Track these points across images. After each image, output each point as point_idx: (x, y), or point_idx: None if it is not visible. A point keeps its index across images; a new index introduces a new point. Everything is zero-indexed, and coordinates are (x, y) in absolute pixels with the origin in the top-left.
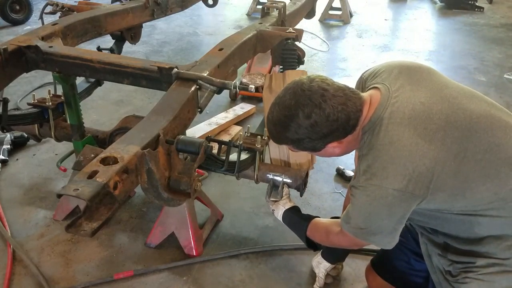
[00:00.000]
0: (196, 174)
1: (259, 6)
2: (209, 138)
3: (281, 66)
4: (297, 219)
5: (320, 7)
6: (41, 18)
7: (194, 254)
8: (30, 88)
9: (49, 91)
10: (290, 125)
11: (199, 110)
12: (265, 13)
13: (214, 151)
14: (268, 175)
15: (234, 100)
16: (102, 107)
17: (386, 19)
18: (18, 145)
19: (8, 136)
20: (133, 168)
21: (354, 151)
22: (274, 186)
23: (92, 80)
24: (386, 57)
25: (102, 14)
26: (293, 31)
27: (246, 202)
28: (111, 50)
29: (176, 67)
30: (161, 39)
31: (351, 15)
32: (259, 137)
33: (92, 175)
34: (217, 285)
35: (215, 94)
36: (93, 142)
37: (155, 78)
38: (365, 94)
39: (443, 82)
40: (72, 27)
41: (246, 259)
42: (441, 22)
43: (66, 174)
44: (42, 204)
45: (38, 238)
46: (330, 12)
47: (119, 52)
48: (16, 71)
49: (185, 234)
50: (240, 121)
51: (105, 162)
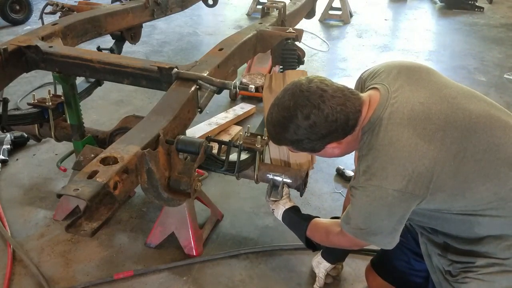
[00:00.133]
0: (196, 174)
1: (259, 6)
2: (209, 138)
3: (281, 66)
4: (297, 219)
5: (320, 7)
6: (41, 18)
7: (194, 254)
8: (30, 88)
9: (49, 91)
10: (289, 126)
11: (199, 110)
12: (265, 13)
13: (214, 151)
14: (268, 175)
15: (234, 100)
16: (102, 107)
17: (386, 19)
18: (18, 145)
19: (8, 136)
20: (133, 168)
21: (354, 152)
22: (274, 186)
23: (92, 80)
24: (386, 57)
25: (102, 14)
26: (293, 31)
27: (246, 202)
28: (111, 50)
29: (176, 67)
30: (161, 39)
31: (351, 15)
32: (259, 137)
33: (92, 175)
34: (217, 285)
35: (215, 94)
36: (93, 142)
37: (155, 78)
38: (364, 95)
39: (443, 82)
40: (72, 27)
41: (246, 259)
42: (441, 22)
43: (66, 174)
44: (42, 204)
45: (38, 238)
46: (330, 12)
47: (119, 52)
48: (16, 71)
49: (185, 234)
50: (240, 121)
51: (105, 162)
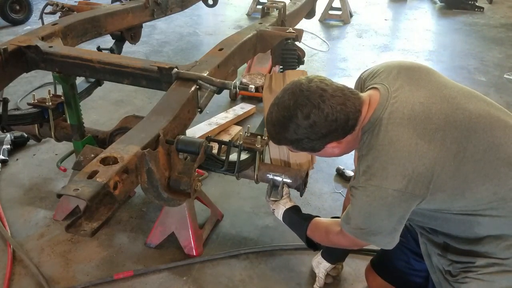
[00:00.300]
0: (196, 174)
1: (259, 6)
2: (209, 138)
3: (281, 66)
4: (297, 219)
5: (320, 7)
6: (41, 18)
7: (194, 254)
8: (30, 88)
9: (49, 91)
10: (289, 125)
11: (199, 110)
12: (265, 13)
13: (214, 151)
14: (268, 175)
15: (234, 100)
16: (102, 107)
17: (386, 19)
18: (18, 145)
19: (8, 136)
20: (133, 168)
21: (354, 152)
22: (274, 186)
23: (92, 80)
24: (386, 57)
25: (102, 14)
26: (293, 31)
27: (246, 202)
28: (111, 50)
29: (176, 67)
30: (161, 39)
31: (351, 15)
32: (259, 137)
33: (92, 175)
34: (217, 285)
35: (215, 94)
36: (93, 142)
37: (155, 78)
38: (364, 94)
39: (442, 82)
40: (72, 27)
41: (246, 259)
42: (441, 22)
43: (66, 174)
44: (42, 204)
45: (38, 238)
46: (330, 12)
47: (119, 52)
48: (16, 71)
49: (185, 234)
50: (240, 121)
51: (105, 162)
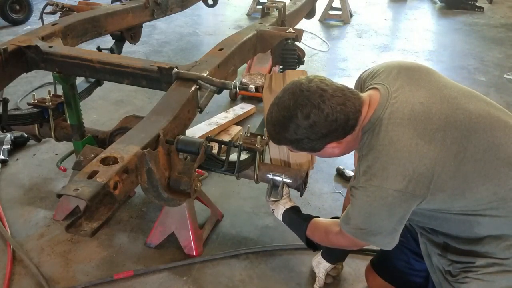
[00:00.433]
0: (196, 174)
1: (259, 6)
2: (209, 138)
3: (281, 66)
4: (297, 219)
5: (320, 7)
6: (41, 18)
7: (194, 254)
8: (30, 88)
9: (49, 91)
10: (289, 125)
11: (199, 110)
12: (265, 13)
13: (214, 151)
14: (268, 175)
15: (234, 100)
16: (102, 107)
17: (386, 19)
18: (18, 145)
19: (8, 136)
20: (133, 168)
21: (354, 152)
22: (274, 186)
23: (92, 80)
24: (386, 57)
25: (102, 14)
26: (293, 31)
27: (246, 202)
28: (111, 50)
29: (176, 67)
30: (161, 39)
31: (351, 15)
32: (259, 137)
33: (92, 175)
34: (217, 285)
35: (215, 94)
36: (93, 142)
37: (155, 78)
38: (364, 95)
39: (442, 82)
40: (72, 27)
41: (246, 259)
42: (441, 22)
43: (66, 174)
44: (42, 204)
45: (38, 238)
46: (330, 12)
47: (119, 52)
48: (16, 71)
49: (185, 234)
50: (240, 121)
51: (105, 162)
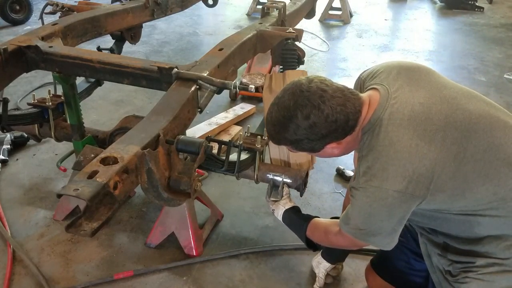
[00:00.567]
0: (196, 174)
1: (259, 6)
2: (209, 138)
3: (281, 66)
4: (297, 219)
5: (320, 7)
6: (41, 18)
7: (194, 254)
8: (30, 88)
9: (49, 91)
10: (289, 126)
11: (199, 110)
12: (265, 13)
13: (214, 151)
14: (268, 175)
15: (234, 100)
16: (102, 107)
17: (386, 19)
18: (18, 145)
19: (8, 136)
20: (133, 168)
21: (354, 152)
22: (274, 186)
23: (92, 80)
24: (386, 57)
25: (102, 14)
26: (293, 31)
27: (246, 202)
28: (111, 50)
29: (176, 67)
30: (161, 39)
31: (351, 15)
32: (259, 137)
33: (92, 175)
34: (217, 285)
35: (215, 94)
36: (93, 142)
37: (155, 78)
38: (364, 95)
39: (442, 82)
40: (72, 27)
41: (246, 259)
42: (441, 22)
43: (66, 174)
44: (42, 204)
45: (38, 238)
46: (330, 12)
47: (119, 52)
48: (16, 71)
49: (185, 234)
50: (240, 121)
51: (105, 162)
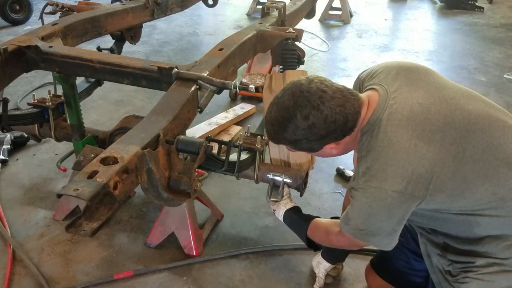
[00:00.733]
0: (196, 174)
1: (259, 6)
2: (209, 138)
3: (281, 66)
4: (298, 220)
5: (320, 7)
6: (41, 18)
7: (194, 254)
8: (30, 88)
9: (49, 91)
10: (288, 126)
11: (199, 110)
12: (265, 13)
13: (214, 151)
14: (268, 175)
15: (234, 100)
16: (102, 107)
17: (386, 19)
18: (18, 145)
19: (8, 136)
20: (133, 168)
21: (353, 152)
22: (275, 186)
23: (92, 80)
24: (386, 57)
25: (102, 14)
26: (293, 31)
27: (246, 202)
28: (111, 50)
29: (176, 67)
30: (161, 39)
31: (351, 15)
32: (259, 137)
33: (92, 175)
34: (217, 285)
35: (215, 94)
36: (93, 142)
37: (155, 78)
38: (363, 95)
39: (441, 82)
40: (72, 27)
41: (246, 259)
42: (441, 22)
43: (66, 174)
44: (42, 204)
45: (38, 238)
46: (330, 12)
47: (119, 52)
48: (16, 71)
49: (185, 234)
50: (240, 121)
51: (105, 162)
